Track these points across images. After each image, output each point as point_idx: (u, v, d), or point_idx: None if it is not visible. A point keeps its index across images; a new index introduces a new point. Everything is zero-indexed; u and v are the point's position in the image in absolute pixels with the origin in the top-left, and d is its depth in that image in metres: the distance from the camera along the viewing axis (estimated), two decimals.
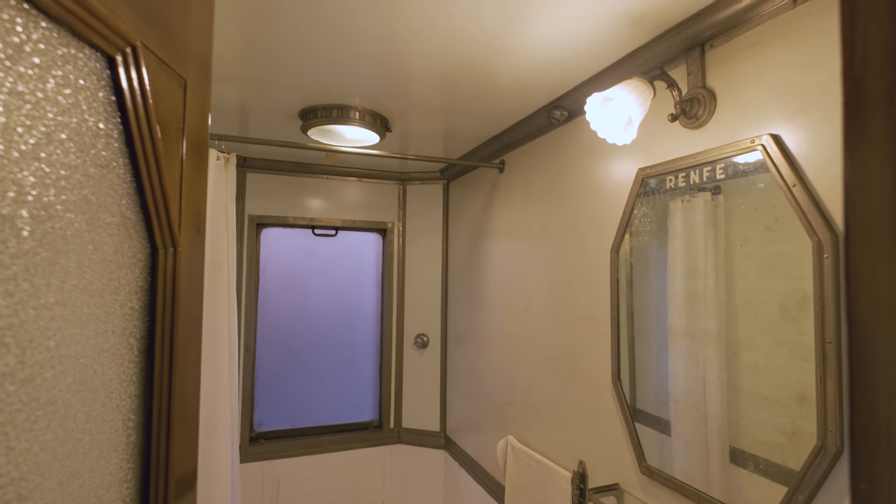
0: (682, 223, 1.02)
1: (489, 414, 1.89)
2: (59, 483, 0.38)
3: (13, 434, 0.34)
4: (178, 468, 0.57)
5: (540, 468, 1.44)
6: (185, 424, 0.57)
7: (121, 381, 0.47)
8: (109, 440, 0.46)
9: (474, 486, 2.00)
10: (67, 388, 0.39)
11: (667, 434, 1.03)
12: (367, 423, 2.42)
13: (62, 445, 0.39)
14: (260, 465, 2.17)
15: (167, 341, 0.52)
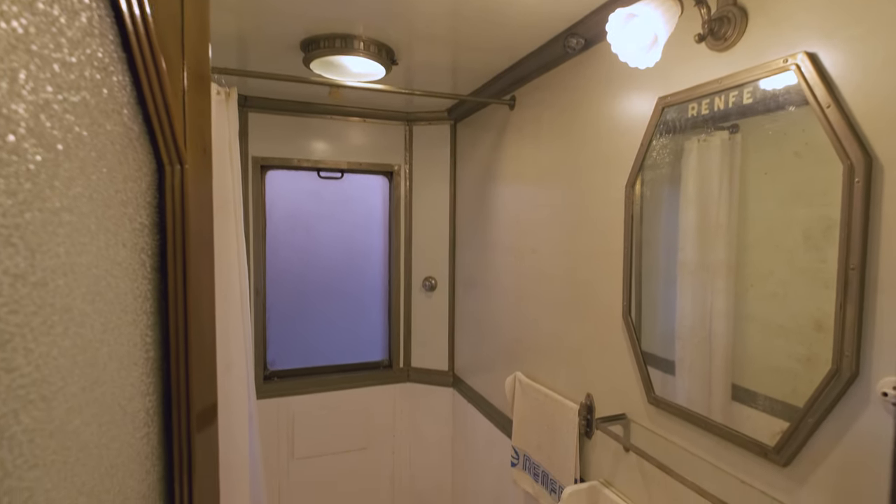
0: (697, 159, 0.98)
1: (497, 352, 1.93)
2: (81, 388, 0.38)
3: (30, 336, 0.33)
4: (198, 390, 0.57)
5: (547, 401, 1.48)
6: (203, 347, 0.57)
7: (135, 296, 0.47)
8: (128, 353, 0.45)
9: (482, 420, 2.07)
10: (82, 298, 0.39)
11: (671, 374, 1.04)
12: (376, 362, 2.48)
13: (81, 353, 0.38)
14: (275, 401, 2.25)
15: (179, 259, 0.51)
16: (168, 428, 0.52)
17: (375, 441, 2.44)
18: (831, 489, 0.75)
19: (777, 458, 0.82)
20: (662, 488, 1.08)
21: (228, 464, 1.56)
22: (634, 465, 1.17)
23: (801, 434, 0.78)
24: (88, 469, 0.40)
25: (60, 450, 0.37)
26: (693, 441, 1.00)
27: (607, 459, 1.27)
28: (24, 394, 0.33)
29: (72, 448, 0.38)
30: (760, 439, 0.85)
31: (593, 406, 1.32)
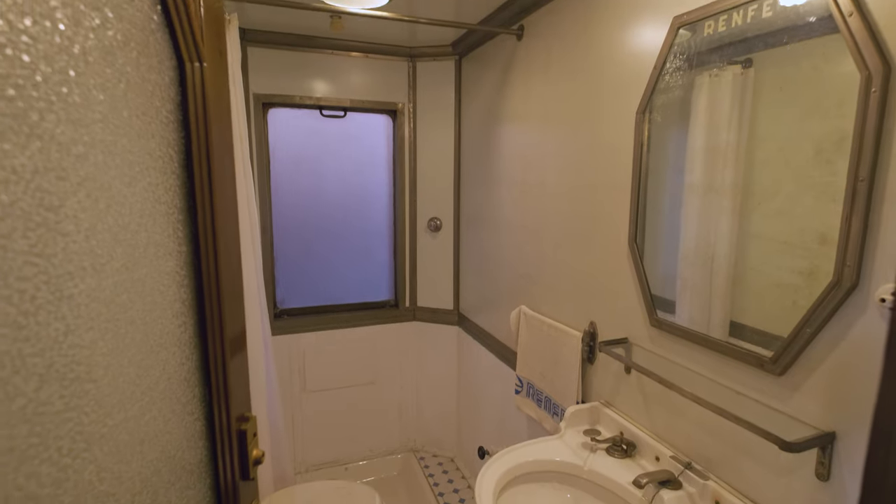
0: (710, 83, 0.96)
1: (502, 289, 1.97)
2: (124, 266, 0.41)
3: (77, 206, 0.35)
4: (228, 283, 0.60)
5: (551, 331, 1.53)
6: (230, 252, 0.59)
7: (166, 188, 0.48)
8: (163, 243, 0.47)
9: (486, 354, 2.14)
10: (119, 179, 0.40)
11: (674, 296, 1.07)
12: (383, 302, 2.54)
13: (122, 231, 0.40)
14: (286, 338, 2.33)
15: (204, 157, 0.52)
16: (202, 321, 0.55)
17: (383, 376, 2.53)
18: (823, 393, 0.80)
19: (773, 368, 0.86)
20: (661, 405, 1.14)
21: None
22: (634, 386, 1.23)
23: (798, 344, 0.82)
24: (136, 343, 0.43)
25: (112, 319, 0.39)
26: (692, 359, 1.04)
27: (608, 382, 1.33)
28: (78, 259, 0.35)
29: (121, 320, 0.41)
30: (758, 351, 0.89)
31: (596, 332, 1.37)
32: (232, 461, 0.58)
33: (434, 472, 2.48)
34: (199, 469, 0.53)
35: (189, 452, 0.52)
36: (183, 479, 0.51)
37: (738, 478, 0.95)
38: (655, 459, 1.12)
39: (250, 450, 0.61)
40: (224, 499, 0.57)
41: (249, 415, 0.64)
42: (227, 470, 0.57)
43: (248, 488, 0.64)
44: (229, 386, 0.56)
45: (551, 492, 1.15)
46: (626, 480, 1.08)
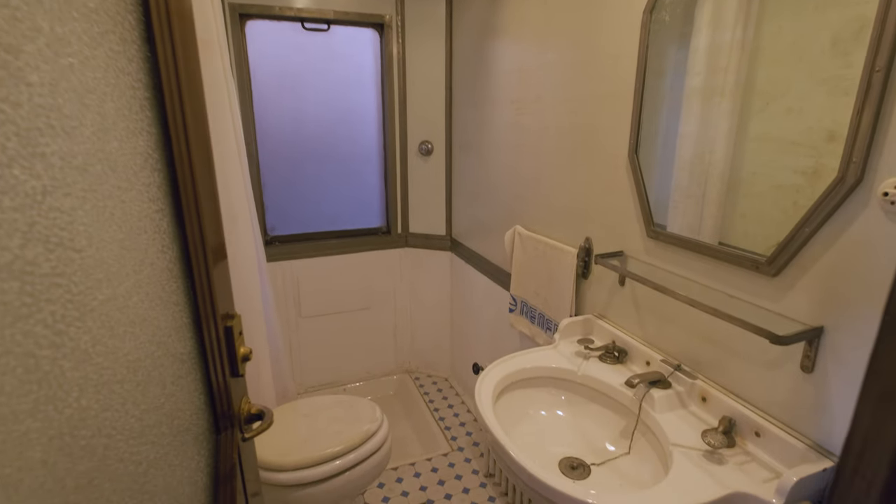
0: None
1: (496, 212, 1.96)
2: (93, 134, 0.37)
3: (39, 57, 0.32)
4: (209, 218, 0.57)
5: (546, 249, 1.54)
6: (202, 147, 0.56)
7: (128, 58, 0.44)
8: (131, 118, 0.44)
9: (480, 277, 2.17)
10: (80, 34, 0.36)
11: (671, 205, 1.07)
12: (375, 229, 2.53)
13: (88, 95, 0.37)
14: (279, 264, 2.32)
15: (165, 24, 0.48)
16: (179, 212, 0.53)
17: (377, 301, 2.57)
18: (814, 292, 0.82)
19: (768, 269, 0.88)
20: (653, 314, 1.17)
21: (245, 314, 1.65)
22: (628, 297, 1.26)
23: (795, 244, 0.83)
24: (116, 220, 0.41)
25: (89, 189, 0.37)
26: (687, 267, 1.06)
27: (602, 296, 1.36)
28: (45, 114, 0.33)
29: (98, 192, 0.38)
30: (754, 255, 0.90)
31: (591, 248, 1.38)
32: (220, 356, 0.58)
33: (429, 390, 2.59)
34: (189, 360, 0.54)
35: (179, 342, 0.52)
36: (175, 367, 0.51)
37: (724, 376, 1.00)
38: (646, 364, 1.17)
39: (237, 346, 0.62)
40: (216, 392, 0.58)
41: (234, 313, 0.63)
42: (216, 364, 0.58)
43: (238, 385, 0.65)
44: (212, 281, 0.55)
45: (546, 395, 1.21)
46: (617, 383, 1.13)
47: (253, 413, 0.65)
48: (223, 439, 0.59)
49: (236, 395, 0.62)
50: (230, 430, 0.60)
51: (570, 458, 1.07)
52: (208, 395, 0.57)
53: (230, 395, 0.59)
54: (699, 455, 0.90)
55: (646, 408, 1.04)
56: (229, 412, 0.60)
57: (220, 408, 0.59)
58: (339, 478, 1.43)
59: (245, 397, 0.66)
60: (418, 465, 2.04)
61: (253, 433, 0.60)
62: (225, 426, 0.60)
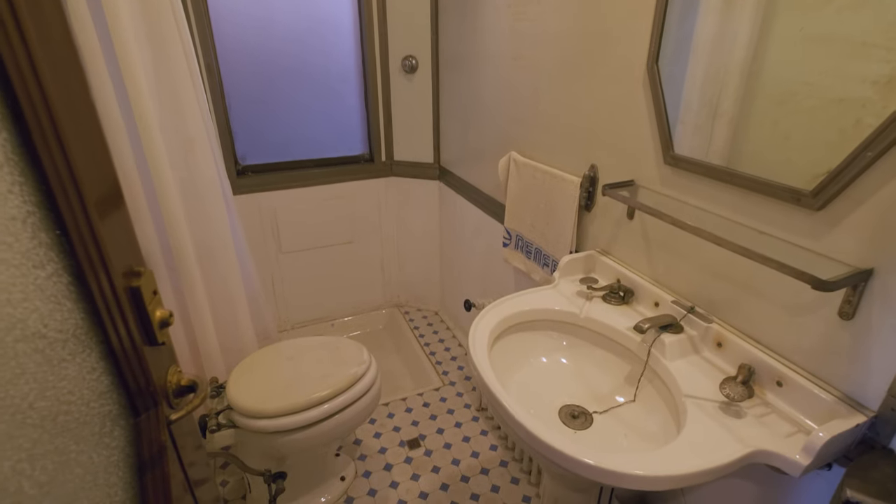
0: None
1: (489, 137, 1.77)
2: None
3: None
4: (85, 151, 0.42)
5: (546, 177, 1.39)
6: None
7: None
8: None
9: (471, 208, 2.03)
10: None
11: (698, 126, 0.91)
12: (357, 156, 2.33)
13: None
14: (254, 196, 2.15)
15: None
16: (27, 138, 0.37)
17: (362, 234, 2.44)
18: (867, 229, 0.70)
19: (812, 201, 0.74)
20: (664, 250, 1.06)
21: (212, 250, 1.51)
22: (637, 231, 1.13)
23: (851, 172, 0.69)
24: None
25: None
26: (711, 199, 0.93)
27: (606, 230, 1.23)
28: None
29: None
30: (796, 185, 0.77)
31: (597, 177, 1.23)
32: (125, 323, 0.45)
33: (419, 324, 2.54)
34: (76, 336, 0.40)
35: (51, 317, 0.38)
36: (55, 351, 0.38)
37: (743, 319, 0.91)
38: (654, 305, 1.07)
39: (151, 309, 0.49)
40: (125, 365, 0.46)
41: (141, 269, 0.49)
42: (120, 333, 0.45)
43: (160, 354, 0.53)
44: (98, 233, 0.41)
45: (547, 339, 1.12)
46: (623, 326, 1.03)
47: (184, 385, 0.53)
48: (144, 421, 0.49)
49: (159, 367, 0.50)
50: (154, 410, 0.49)
51: (572, 407, 0.99)
52: (116, 373, 0.45)
53: (147, 369, 0.47)
54: (715, 407, 0.82)
55: (655, 354, 0.95)
56: (149, 389, 0.48)
57: (135, 385, 0.47)
58: (327, 422, 1.37)
59: (174, 367, 0.54)
60: (409, 400, 2.01)
61: (181, 412, 0.49)
62: (146, 406, 0.49)
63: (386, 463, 1.72)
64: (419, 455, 1.75)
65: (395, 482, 1.65)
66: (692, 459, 0.72)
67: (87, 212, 0.39)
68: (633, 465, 0.71)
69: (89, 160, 0.40)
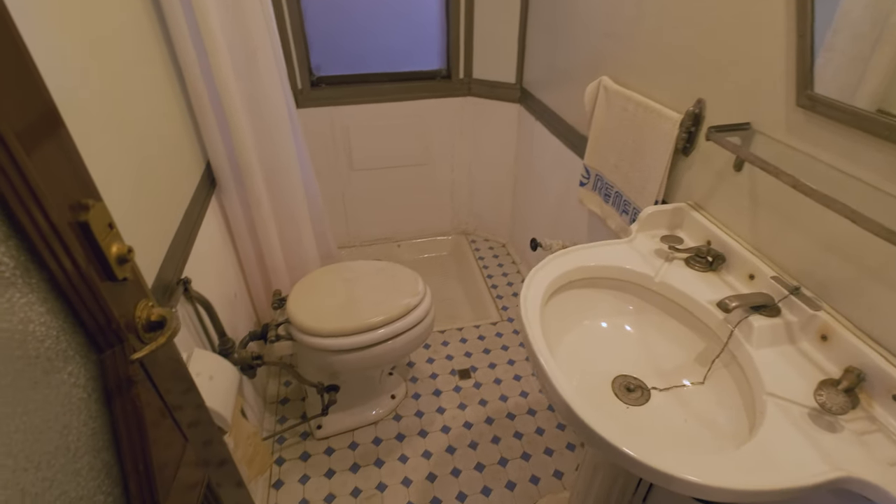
0: None
1: (579, 56, 1.54)
2: None
3: None
4: None
5: (638, 110, 1.18)
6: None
7: None
8: None
9: (550, 138, 1.84)
10: None
11: (850, 59, 0.68)
12: (433, 72, 2.17)
13: None
14: (326, 110, 2.10)
15: None
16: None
17: (434, 157, 2.34)
18: None
19: None
20: (775, 213, 0.86)
21: (276, 167, 1.50)
22: (743, 187, 0.93)
23: None
24: None
25: None
26: (853, 157, 0.72)
27: (705, 181, 1.04)
28: None
29: None
30: None
31: (702, 115, 1.02)
32: (73, 260, 0.42)
33: (485, 255, 2.47)
34: (11, 270, 0.38)
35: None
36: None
37: (863, 312, 0.73)
38: (749, 278, 0.90)
39: (105, 245, 0.45)
40: (78, 303, 0.44)
41: (90, 202, 0.45)
42: (67, 270, 0.42)
43: (123, 289, 0.49)
44: (24, 167, 0.35)
45: (610, 300, 1.00)
46: (705, 298, 0.89)
47: (154, 320, 0.51)
48: (108, 357, 0.48)
49: (122, 304, 0.49)
50: (119, 346, 0.48)
51: (628, 378, 0.90)
52: (70, 311, 0.43)
53: (106, 307, 0.45)
54: (802, 413, 0.69)
55: (738, 337, 0.81)
56: (110, 325, 0.47)
57: (93, 323, 0.45)
58: (377, 347, 1.39)
59: (144, 301, 0.51)
60: (465, 331, 2.01)
61: (143, 351, 0.47)
62: (109, 342, 0.48)
63: (435, 388, 1.76)
64: (468, 386, 1.77)
65: (443, 408, 1.69)
66: (763, 474, 0.61)
67: (6, 144, 0.33)
68: (687, 467, 0.61)
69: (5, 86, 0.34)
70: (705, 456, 0.64)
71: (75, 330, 0.44)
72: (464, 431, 1.61)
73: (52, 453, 0.41)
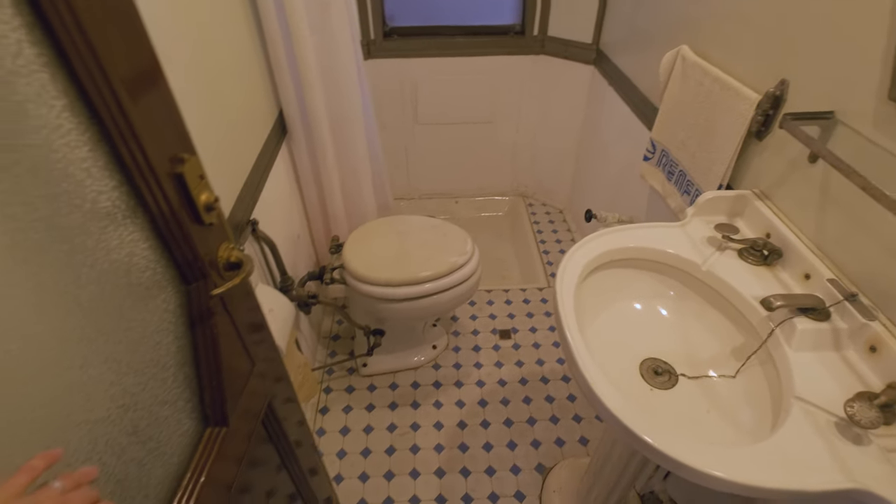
0: None
1: (661, 18, 1.44)
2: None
3: None
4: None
5: (715, 86, 1.11)
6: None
7: None
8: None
9: (621, 105, 1.76)
10: None
11: None
12: (507, 27, 2.10)
13: None
14: (396, 62, 2.11)
15: None
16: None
17: (499, 116, 2.31)
18: None
19: None
20: (845, 212, 0.81)
21: (342, 119, 1.55)
22: (815, 181, 0.87)
23: None
24: None
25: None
26: None
27: (775, 169, 0.98)
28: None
29: None
30: None
31: (783, 97, 0.94)
32: (169, 206, 0.50)
33: (540, 220, 2.46)
34: (123, 212, 0.47)
35: (104, 192, 0.44)
36: (95, 223, 0.44)
37: None
38: (804, 277, 0.86)
39: (196, 194, 0.52)
40: (171, 241, 0.52)
41: (186, 155, 0.52)
42: (164, 213, 0.50)
43: (209, 232, 0.58)
44: (131, 119, 0.42)
45: (652, 282, 0.99)
46: (751, 292, 0.86)
47: (233, 262, 0.59)
48: (193, 290, 0.57)
49: (207, 245, 0.56)
50: (203, 280, 0.57)
51: (657, 361, 0.91)
52: (164, 248, 0.53)
53: (194, 247, 0.54)
54: (829, 422, 0.68)
55: (778, 336, 0.79)
56: (197, 261, 0.55)
57: (182, 259, 0.54)
58: (422, 300, 1.46)
59: (226, 244, 0.59)
60: (512, 293, 2.04)
61: (221, 288, 0.55)
62: (195, 276, 0.56)
63: (475, 344, 1.83)
64: (507, 346, 1.82)
65: (480, 363, 1.76)
66: (773, 472, 0.62)
67: (117, 97, 0.40)
68: (699, 457, 0.63)
69: (111, 40, 0.39)
70: (717, 447, 0.65)
71: (168, 264, 0.53)
72: (497, 388, 1.68)
73: (146, 363, 0.51)
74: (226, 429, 0.64)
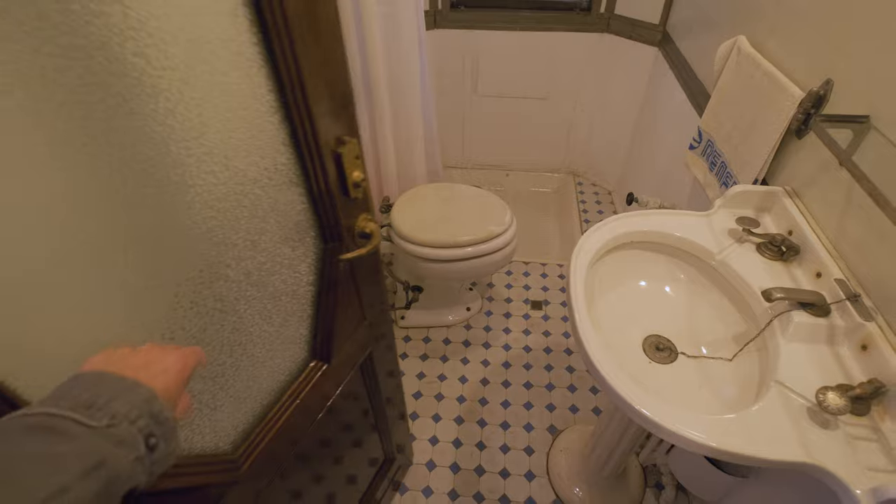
0: None
1: (727, 2, 1.42)
2: None
3: None
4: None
5: (764, 81, 1.11)
6: None
7: None
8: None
9: (678, 91, 1.74)
10: None
11: None
12: (573, 2, 2.10)
13: None
14: (461, 33, 2.17)
15: None
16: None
17: (557, 93, 2.32)
18: None
19: None
20: (863, 220, 0.83)
21: (401, 88, 1.66)
22: (842, 185, 0.89)
23: None
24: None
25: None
26: None
27: (808, 169, 0.99)
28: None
29: None
30: None
31: (826, 97, 0.95)
32: (325, 176, 0.63)
33: (587, 199, 2.48)
34: (288, 176, 0.61)
35: (273, 158, 0.58)
36: (275, 178, 0.59)
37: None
38: (815, 276, 0.90)
39: (349, 172, 0.65)
40: (321, 207, 0.66)
41: (348, 139, 0.63)
42: (319, 181, 0.63)
43: (353, 204, 0.70)
44: (307, 89, 0.55)
45: (667, 265, 1.05)
46: (760, 284, 0.91)
47: (366, 232, 0.73)
48: (329, 248, 0.71)
49: (349, 214, 0.70)
50: (338, 242, 0.70)
51: (660, 339, 0.98)
52: (315, 211, 0.67)
53: (337, 212, 0.67)
54: (801, 406, 0.74)
55: (775, 327, 0.84)
56: (337, 227, 0.68)
57: (326, 221, 0.68)
58: (459, 264, 1.58)
59: (364, 215, 0.73)
60: (548, 267, 2.12)
61: (349, 254, 0.69)
62: (333, 238, 0.70)
63: (507, 311, 1.94)
64: (537, 316, 1.92)
65: (509, 329, 1.87)
66: (735, 439, 0.70)
67: (307, 99, 0.55)
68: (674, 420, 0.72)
69: (321, 67, 0.55)
70: (688, 413, 0.73)
71: (317, 223, 0.69)
72: (522, 353, 1.79)
73: (284, 291, 0.68)
74: (327, 365, 0.79)
